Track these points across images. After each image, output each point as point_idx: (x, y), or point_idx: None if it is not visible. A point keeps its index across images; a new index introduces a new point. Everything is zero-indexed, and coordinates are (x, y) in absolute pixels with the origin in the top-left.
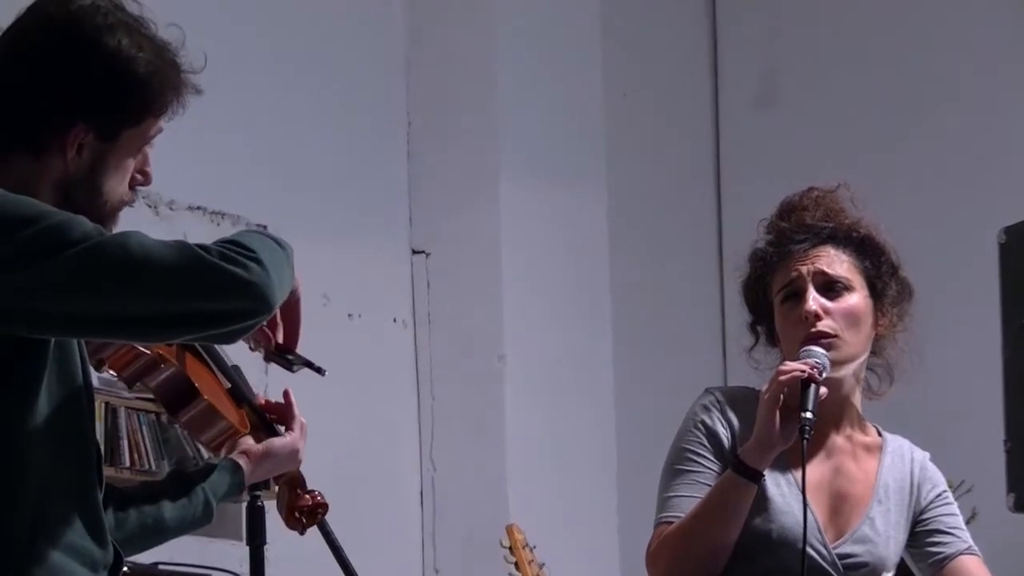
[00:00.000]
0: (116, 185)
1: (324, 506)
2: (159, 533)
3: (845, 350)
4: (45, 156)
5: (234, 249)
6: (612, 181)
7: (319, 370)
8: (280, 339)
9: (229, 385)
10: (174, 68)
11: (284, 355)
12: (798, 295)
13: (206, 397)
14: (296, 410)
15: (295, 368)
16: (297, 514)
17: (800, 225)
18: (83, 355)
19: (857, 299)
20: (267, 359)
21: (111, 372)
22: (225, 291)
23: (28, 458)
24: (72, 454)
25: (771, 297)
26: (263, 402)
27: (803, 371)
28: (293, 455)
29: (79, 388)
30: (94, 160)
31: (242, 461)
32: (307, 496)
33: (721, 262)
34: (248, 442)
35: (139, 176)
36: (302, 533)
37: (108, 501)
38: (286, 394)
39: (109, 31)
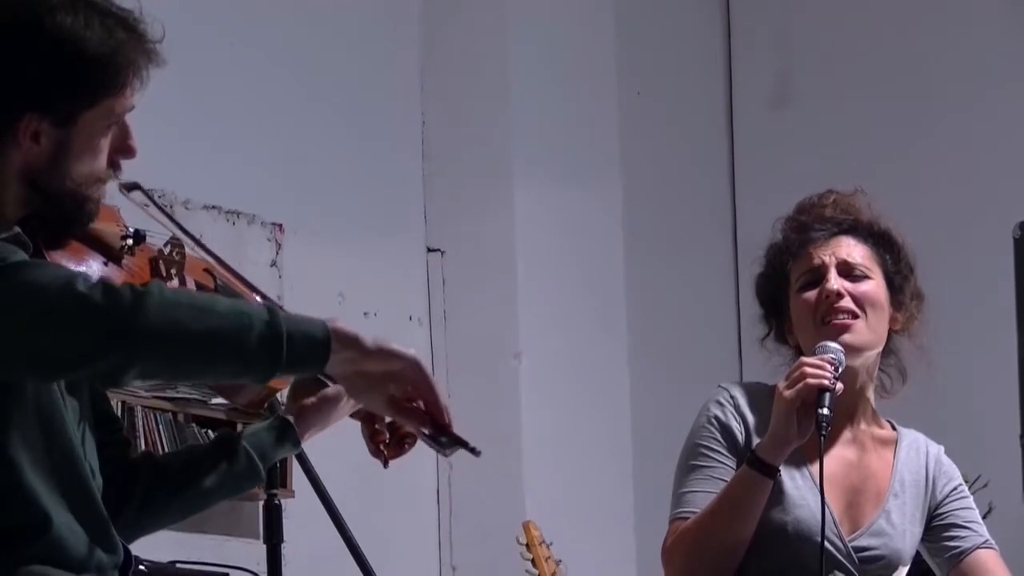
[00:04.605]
0: (87, 167)
1: (411, 436)
2: (200, 498)
3: (863, 334)
4: (2, 148)
5: (129, 284)
6: (626, 179)
7: (474, 451)
8: (432, 417)
9: None
10: (130, 43)
11: (437, 437)
12: (818, 281)
13: None
14: None
15: (447, 452)
16: (380, 447)
17: (820, 218)
18: None
19: (876, 286)
20: (420, 439)
21: None
22: (74, 322)
23: (14, 475)
24: (60, 463)
25: (788, 290)
26: None
27: (825, 380)
28: (349, 400)
29: (55, 397)
30: (55, 147)
31: (293, 416)
32: (385, 431)
33: (736, 260)
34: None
35: (120, 152)
36: (385, 466)
37: (140, 472)
38: None
39: (50, 12)
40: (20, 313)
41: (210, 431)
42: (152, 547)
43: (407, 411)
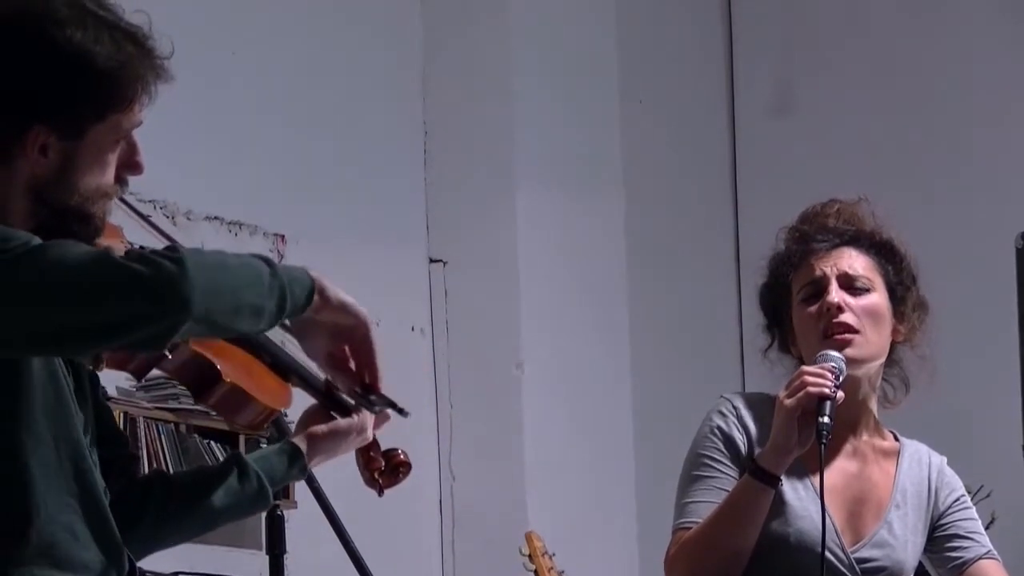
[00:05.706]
0: (93, 181)
1: (405, 465)
2: (209, 518)
3: (864, 348)
4: (10, 160)
5: (155, 251)
6: (628, 189)
7: (401, 411)
8: (362, 378)
9: (270, 359)
10: (139, 58)
11: (367, 395)
12: (819, 293)
13: (229, 379)
14: None
15: (377, 409)
16: (376, 475)
17: (822, 228)
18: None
19: (878, 299)
20: (351, 398)
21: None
22: (124, 289)
23: (22, 478)
24: (68, 469)
25: (790, 300)
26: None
27: (825, 388)
28: (360, 433)
29: (66, 399)
30: (62, 160)
31: (303, 443)
32: (380, 459)
33: (738, 268)
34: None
35: (127, 168)
36: (380, 494)
37: (152, 490)
38: None
39: (59, 25)
40: (64, 287)
41: (212, 442)
42: (155, 558)
43: (341, 368)
